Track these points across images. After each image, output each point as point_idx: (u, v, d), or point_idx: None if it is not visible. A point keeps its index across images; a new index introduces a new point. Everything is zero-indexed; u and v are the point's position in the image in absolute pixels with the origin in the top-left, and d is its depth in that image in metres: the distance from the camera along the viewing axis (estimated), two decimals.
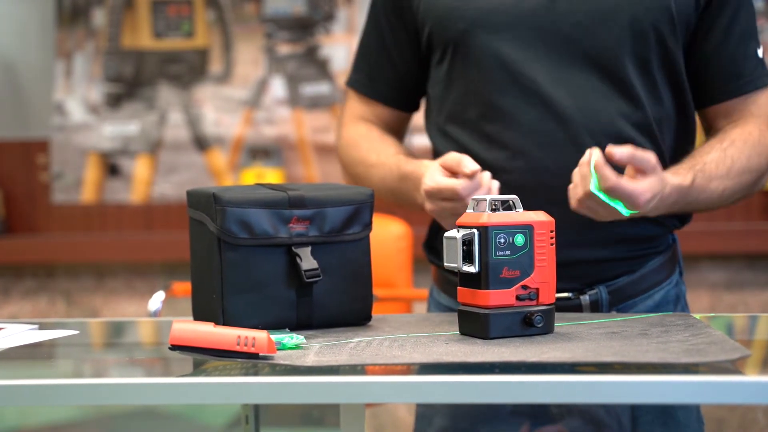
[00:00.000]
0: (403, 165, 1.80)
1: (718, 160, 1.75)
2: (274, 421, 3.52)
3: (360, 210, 1.57)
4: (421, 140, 2.33)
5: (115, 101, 4.01)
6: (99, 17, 4.02)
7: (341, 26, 3.91)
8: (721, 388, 1.15)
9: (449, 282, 1.85)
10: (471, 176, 1.60)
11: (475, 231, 1.41)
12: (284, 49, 3.95)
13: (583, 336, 1.42)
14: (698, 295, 3.63)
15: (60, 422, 3.78)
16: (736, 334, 1.62)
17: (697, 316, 1.61)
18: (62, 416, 3.78)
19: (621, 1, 1.73)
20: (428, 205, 1.66)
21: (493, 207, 1.43)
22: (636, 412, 1.75)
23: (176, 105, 3.98)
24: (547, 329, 1.43)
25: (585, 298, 1.76)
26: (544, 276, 1.43)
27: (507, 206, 1.44)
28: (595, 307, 1.76)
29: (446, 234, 1.44)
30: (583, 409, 1.76)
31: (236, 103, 3.95)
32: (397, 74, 1.91)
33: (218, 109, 3.96)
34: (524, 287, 1.42)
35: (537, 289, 1.42)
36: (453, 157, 1.64)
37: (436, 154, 1.85)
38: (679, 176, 1.68)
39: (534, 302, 1.42)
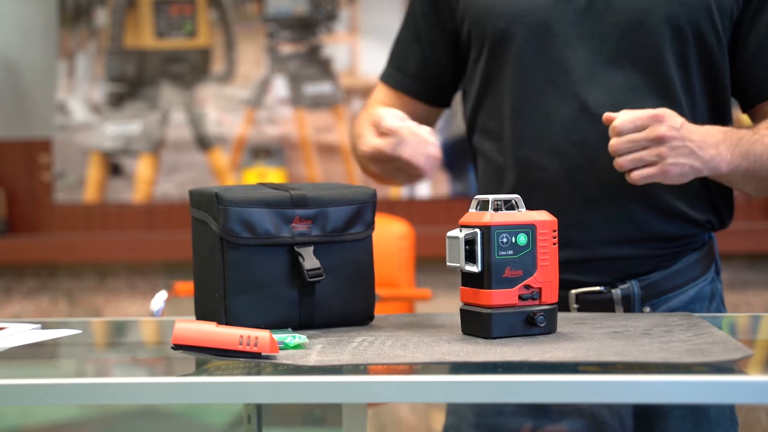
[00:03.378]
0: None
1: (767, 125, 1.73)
2: (276, 420, 3.53)
3: (362, 209, 1.57)
4: None
5: (117, 101, 4.01)
6: (101, 17, 4.02)
7: (343, 26, 3.90)
8: (723, 388, 1.15)
9: None
10: (391, 132, 1.59)
11: (477, 230, 1.41)
12: (286, 48, 3.95)
13: (586, 336, 1.41)
14: None
15: (62, 422, 3.78)
16: (738, 333, 1.62)
17: (700, 315, 1.61)
18: (64, 416, 3.79)
19: None
20: (374, 168, 1.67)
21: (496, 206, 1.43)
22: (666, 407, 1.73)
23: (178, 104, 3.98)
24: (550, 329, 1.43)
25: (617, 292, 1.75)
26: (546, 275, 1.43)
27: (510, 206, 1.44)
28: (627, 301, 1.75)
29: (449, 233, 1.44)
30: (586, 409, 1.76)
31: (238, 103, 3.96)
32: (427, 67, 1.91)
33: (220, 109, 3.96)
34: (527, 287, 1.42)
35: (539, 288, 1.42)
36: (377, 114, 1.63)
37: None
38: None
39: (536, 302, 1.42)
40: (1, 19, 4.10)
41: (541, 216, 1.44)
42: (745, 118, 1.87)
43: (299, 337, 1.38)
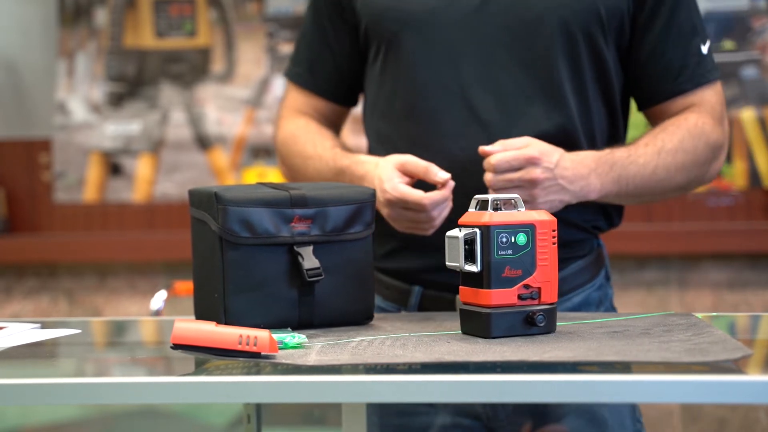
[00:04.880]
0: (339, 159, 1.80)
1: (647, 141, 1.75)
2: (275, 420, 3.52)
3: (362, 209, 1.57)
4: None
5: (117, 100, 4.01)
6: (101, 17, 4.02)
7: None
8: (723, 388, 1.15)
9: (379, 281, 1.85)
10: (443, 185, 1.62)
11: (477, 230, 1.41)
12: (286, 48, 3.95)
13: (585, 335, 1.42)
14: (700, 295, 3.62)
15: (62, 421, 3.78)
16: (738, 333, 1.62)
17: (699, 315, 1.61)
18: (64, 415, 3.78)
19: (550, 3, 1.73)
20: (386, 211, 1.67)
21: (495, 206, 1.43)
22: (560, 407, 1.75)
23: (178, 104, 3.98)
24: (549, 328, 1.43)
25: None
26: (546, 275, 1.43)
27: (510, 205, 1.44)
28: None
29: (448, 233, 1.44)
30: (585, 409, 1.76)
31: (238, 103, 3.95)
32: (337, 69, 1.92)
33: (220, 109, 3.96)
34: (526, 286, 1.42)
35: (539, 288, 1.42)
36: (416, 163, 1.66)
37: (370, 150, 1.87)
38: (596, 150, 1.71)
39: (536, 301, 1.42)
40: (1, 19, 4.10)
41: (541, 216, 1.44)
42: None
43: (299, 337, 1.38)
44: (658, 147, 1.74)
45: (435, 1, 1.77)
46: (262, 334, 1.30)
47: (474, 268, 1.41)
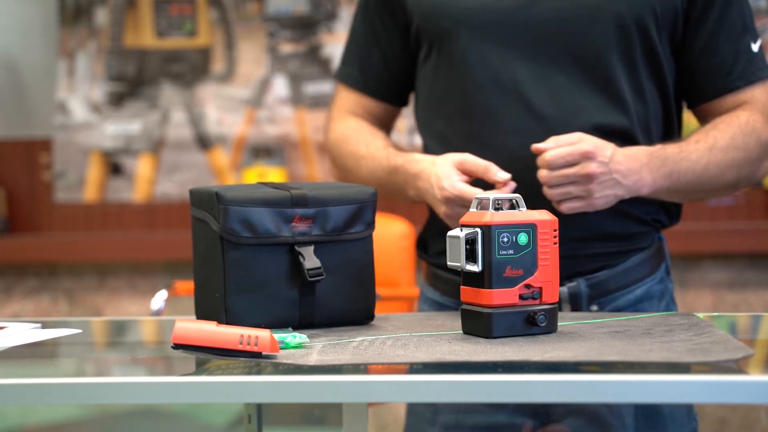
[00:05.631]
0: (393, 158, 1.81)
1: (698, 138, 1.75)
2: (276, 420, 3.52)
3: (363, 209, 1.57)
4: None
5: (117, 100, 4.01)
6: (101, 16, 4.02)
7: (344, 25, 3.90)
8: (724, 388, 1.15)
9: (437, 277, 1.86)
10: (504, 184, 1.63)
11: (478, 230, 1.41)
12: (287, 48, 3.95)
13: (587, 335, 1.41)
14: (701, 295, 3.62)
15: (62, 421, 3.78)
16: (739, 333, 1.62)
17: (700, 315, 1.60)
18: (64, 415, 3.78)
19: None
20: (444, 209, 1.67)
21: (497, 206, 1.43)
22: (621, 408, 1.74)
23: (179, 104, 3.98)
24: (551, 328, 1.43)
25: (564, 290, 1.75)
26: (547, 275, 1.42)
27: (511, 205, 1.44)
28: (575, 299, 1.76)
29: (449, 233, 1.43)
30: (587, 409, 1.76)
31: (238, 102, 3.95)
32: (388, 68, 1.92)
33: (220, 108, 3.96)
34: (527, 286, 1.42)
35: (540, 288, 1.42)
36: (475, 162, 1.66)
37: (425, 149, 1.86)
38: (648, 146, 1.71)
39: (537, 301, 1.42)
40: (1, 19, 4.10)
41: (542, 215, 1.44)
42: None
43: (300, 337, 1.38)
44: (710, 144, 1.73)
45: None
46: (263, 334, 1.30)
47: (475, 268, 1.40)
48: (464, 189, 1.63)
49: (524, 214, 1.43)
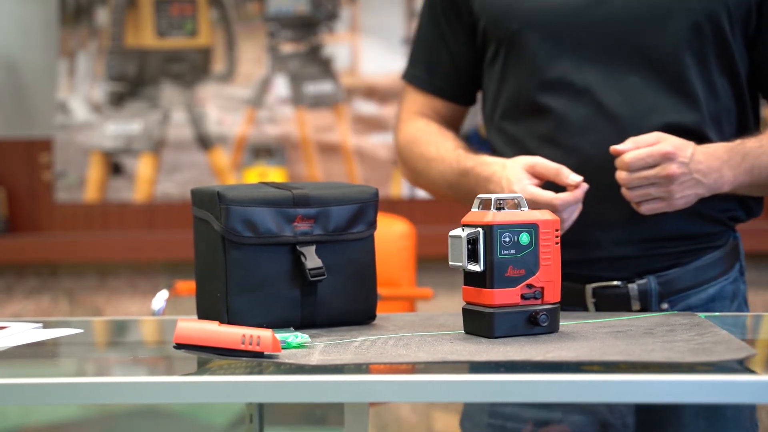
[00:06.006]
0: (463, 160, 1.79)
1: None
2: (278, 420, 3.52)
3: (364, 209, 1.56)
4: None
5: (118, 100, 4.01)
6: (102, 16, 4.02)
7: (344, 25, 3.90)
8: (727, 388, 1.15)
9: None
10: (576, 187, 1.61)
11: (480, 230, 1.40)
12: (287, 48, 3.95)
13: (588, 335, 1.41)
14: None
15: (63, 421, 3.78)
16: (739, 333, 1.62)
17: (702, 315, 1.60)
18: (65, 415, 3.78)
19: None
20: None
21: (499, 206, 1.43)
22: (679, 407, 1.73)
23: (179, 104, 3.98)
24: (552, 328, 1.43)
25: (633, 287, 1.74)
26: (549, 275, 1.42)
27: (512, 205, 1.44)
28: (644, 296, 1.74)
29: (451, 232, 1.43)
30: (588, 409, 1.75)
31: (239, 102, 3.95)
32: (455, 68, 1.91)
33: (221, 108, 3.96)
34: (529, 286, 1.41)
35: (542, 288, 1.42)
36: (545, 165, 1.65)
37: (493, 149, 1.85)
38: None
39: (539, 301, 1.42)
40: (1, 19, 4.10)
41: (544, 215, 1.43)
42: None
43: (301, 337, 1.38)
44: None
45: None
46: (265, 333, 1.30)
47: (477, 268, 1.40)
48: (535, 192, 1.62)
49: (526, 214, 1.42)
